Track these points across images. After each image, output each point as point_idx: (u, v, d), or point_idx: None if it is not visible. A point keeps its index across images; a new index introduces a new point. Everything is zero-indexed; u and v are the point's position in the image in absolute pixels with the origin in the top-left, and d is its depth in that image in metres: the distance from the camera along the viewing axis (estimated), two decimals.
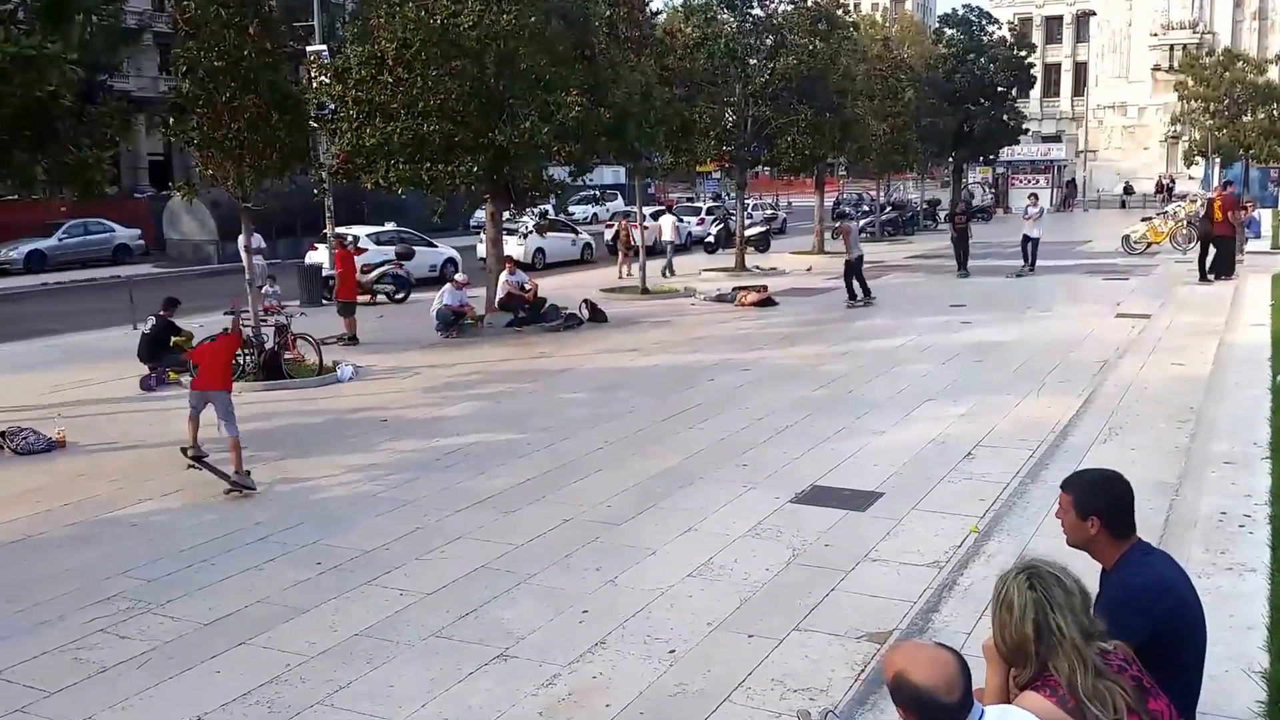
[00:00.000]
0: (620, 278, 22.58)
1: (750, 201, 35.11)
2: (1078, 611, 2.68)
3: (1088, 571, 3.07)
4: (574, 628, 5.35)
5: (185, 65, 11.02)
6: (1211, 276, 18.92)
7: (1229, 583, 5.11)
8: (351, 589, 5.92)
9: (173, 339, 11.47)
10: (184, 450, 8.11)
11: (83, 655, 5.16)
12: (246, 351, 11.96)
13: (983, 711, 2.52)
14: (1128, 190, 55.49)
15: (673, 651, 5.03)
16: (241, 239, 13.62)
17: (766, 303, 18.07)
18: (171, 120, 11.17)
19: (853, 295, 17.99)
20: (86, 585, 6.03)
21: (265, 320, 12.45)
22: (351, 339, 14.70)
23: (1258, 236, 24.35)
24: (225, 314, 13.01)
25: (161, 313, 12.53)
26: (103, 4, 9.51)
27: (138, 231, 31.10)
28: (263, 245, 14.77)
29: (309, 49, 15.31)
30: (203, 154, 11.23)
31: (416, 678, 4.85)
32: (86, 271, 27.49)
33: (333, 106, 14.13)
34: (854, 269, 18.01)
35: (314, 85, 13.96)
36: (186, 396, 8.72)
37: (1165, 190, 49.25)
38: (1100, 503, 3.20)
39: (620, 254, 23.87)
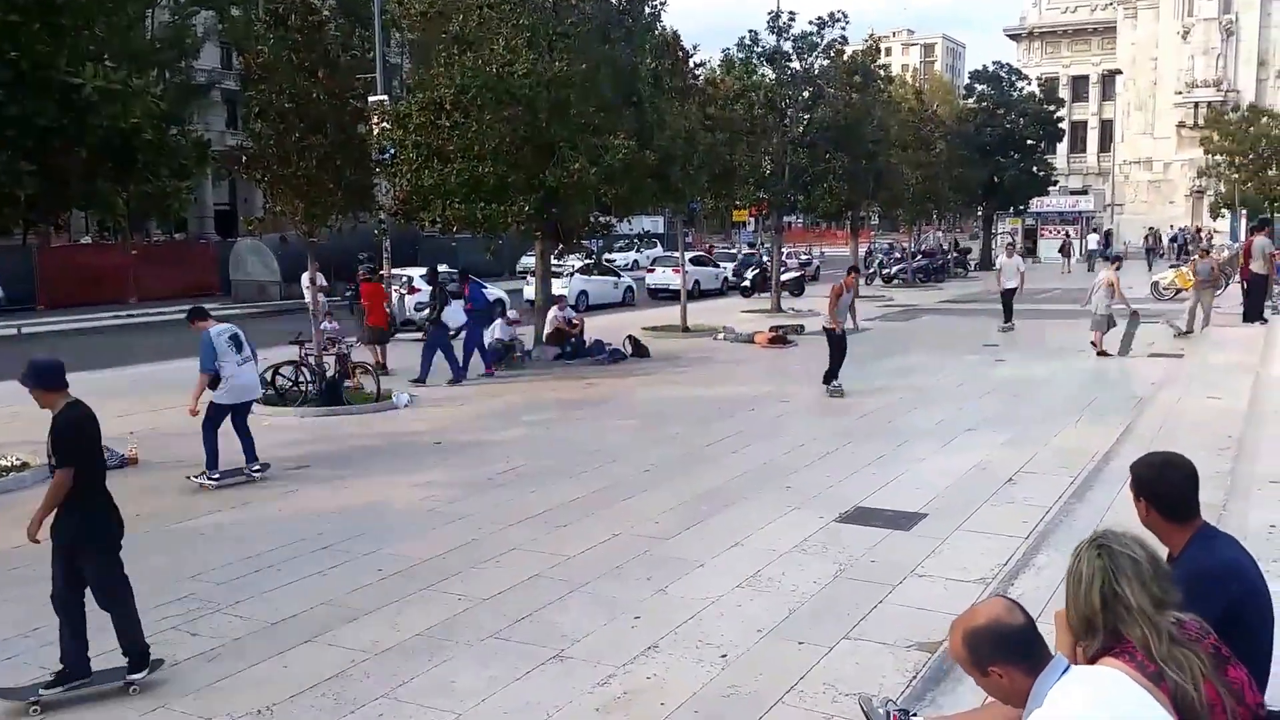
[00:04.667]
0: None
1: (785, 250, 35.57)
2: (1147, 580, 2.62)
3: (1161, 547, 3.06)
4: (627, 632, 5.48)
5: (257, 107, 11.60)
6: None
7: None
8: (411, 594, 6.12)
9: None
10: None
11: (157, 650, 5.29)
12: (309, 380, 12.40)
13: (1068, 665, 2.52)
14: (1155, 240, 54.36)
15: (724, 656, 5.13)
16: (306, 276, 14.13)
17: (779, 341, 18.60)
18: (244, 159, 11.72)
19: (1008, 319, 18.57)
20: (158, 587, 6.25)
21: (328, 351, 12.91)
22: (382, 368, 14.97)
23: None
24: (290, 343, 13.49)
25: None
26: (175, 60, 10.12)
27: None
28: (325, 283, 15.29)
29: (371, 99, 15.98)
30: (272, 192, 11.75)
31: (476, 675, 4.99)
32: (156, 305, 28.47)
33: (393, 150, 14.70)
34: (1009, 297, 18.35)
35: (375, 131, 14.55)
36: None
37: (1186, 242, 48.01)
38: (1149, 485, 3.18)
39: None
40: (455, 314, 15.66)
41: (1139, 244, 55.64)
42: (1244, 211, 45.16)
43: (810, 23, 25.92)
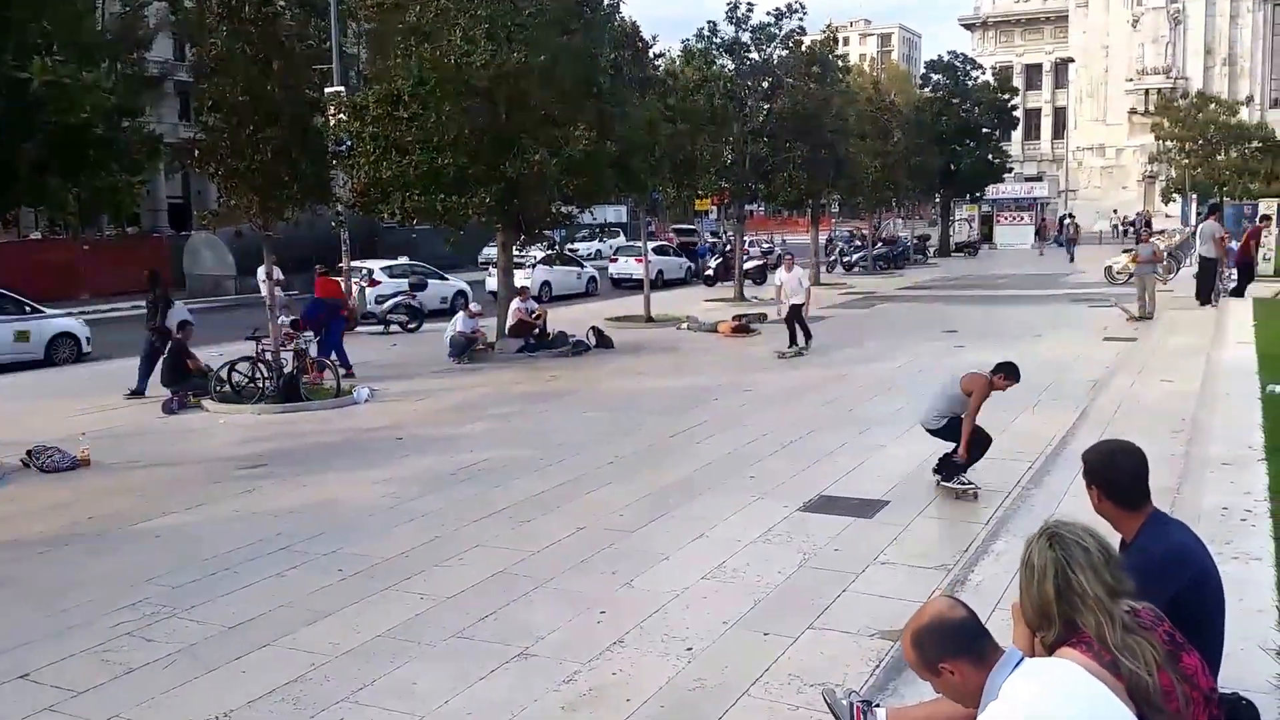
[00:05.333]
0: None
1: (747, 239, 35.76)
2: (1099, 569, 2.64)
3: (1113, 534, 3.10)
4: (592, 628, 5.46)
5: (211, 100, 11.36)
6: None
7: (1236, 570, 5.23)
8: (373, 594, 6.03)
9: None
10: None
11: (110, 657, 5.24)
12: (266, 376, 12.19)
13: (1021, 657, 2.53)
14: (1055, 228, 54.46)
15: (690, 649, 5.13)
16: (262, 269, 13.89)
17: (743, 330, 18.68)
18: (196, 153, 11.47)
19: (793, 342, 15.86)
20: (112, 592, 6.15)
21: (284, 346, 12.70)
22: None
23: (1234, 267, 24.98)
24: (247, 339, 13.27)
25: (177, 335, 12.76)
26: (127, 52, 9.88)
27: None
28: (281, 276, 15.06)
29: (327, 90, 15.75)
30: (226, 185, 11.52)
31: (439, 675, 4.93)
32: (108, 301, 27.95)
33: (350, 142, 14.49)
34: (795, 314, 15.93)
35: (332, 123, 14.33)
36: (205, 416, 9.00)
37: (1136, 226, 48.79)
38: (1102, 473, 3.23)
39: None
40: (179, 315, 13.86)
41: (1095, 228, 56.94)
42: (1194, 196, 46.20)
43: (768, 14, 26.05)
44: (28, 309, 16.72)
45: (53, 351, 16.71)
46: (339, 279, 17.06)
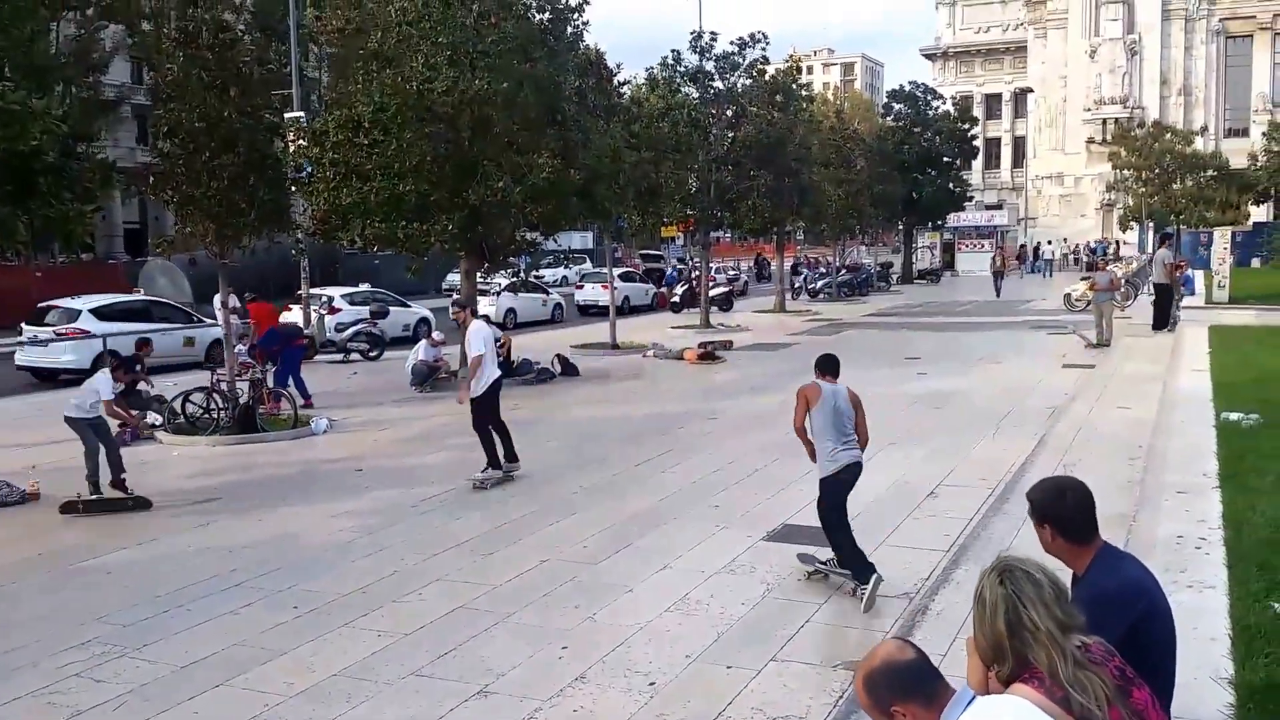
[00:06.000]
0: None
1: (713, 265, 36.00)
2: (1050, 604, 2.65)
3: (1063, 569, 3.11)
4: (554, 663, 5.40)
5: (166, 126, 11.21)
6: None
7: (1190, 599, 5.31)
8: (329, 631, 5.93)
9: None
10: None
11: (57, 699, 5.10)
12: (221, 406, 11.98)
13: (973, 696, 2.54)
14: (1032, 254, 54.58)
15: (653, 684, 5.09)
16: (219, 297, 13.69)
17: (708, 357, 18.75)
18: (151, 179, 11.31)
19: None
20: (61, 631, 5.99)
21: (240, 376, 12.50)
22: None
23: (1192, 294, 25.57)
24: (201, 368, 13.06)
25: (135, 366, 12.51)
26: (82, 75, 9.75)
27: None
28: (238, 304, 14.86)
29: (287, 115, 15.62)
30: (182, 213, 11.36)
31: (396, 715, 4.85)
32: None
33: (310, 169, 14.37)
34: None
35: (291, 149, 14.20)
36: (158, 449, 8.85)
37: (1096, 254, 49.31)
38: (1051, 510, 3.25)
39: None
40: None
41: (1047, 257, 57.96)
42: (1151, 224, 47.19)
43: (731, 43, 26.39)
44: None
45: None
46: (270, 303, 16.91)
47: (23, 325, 17.70)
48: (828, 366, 6.77)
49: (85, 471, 9.03)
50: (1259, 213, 51.65)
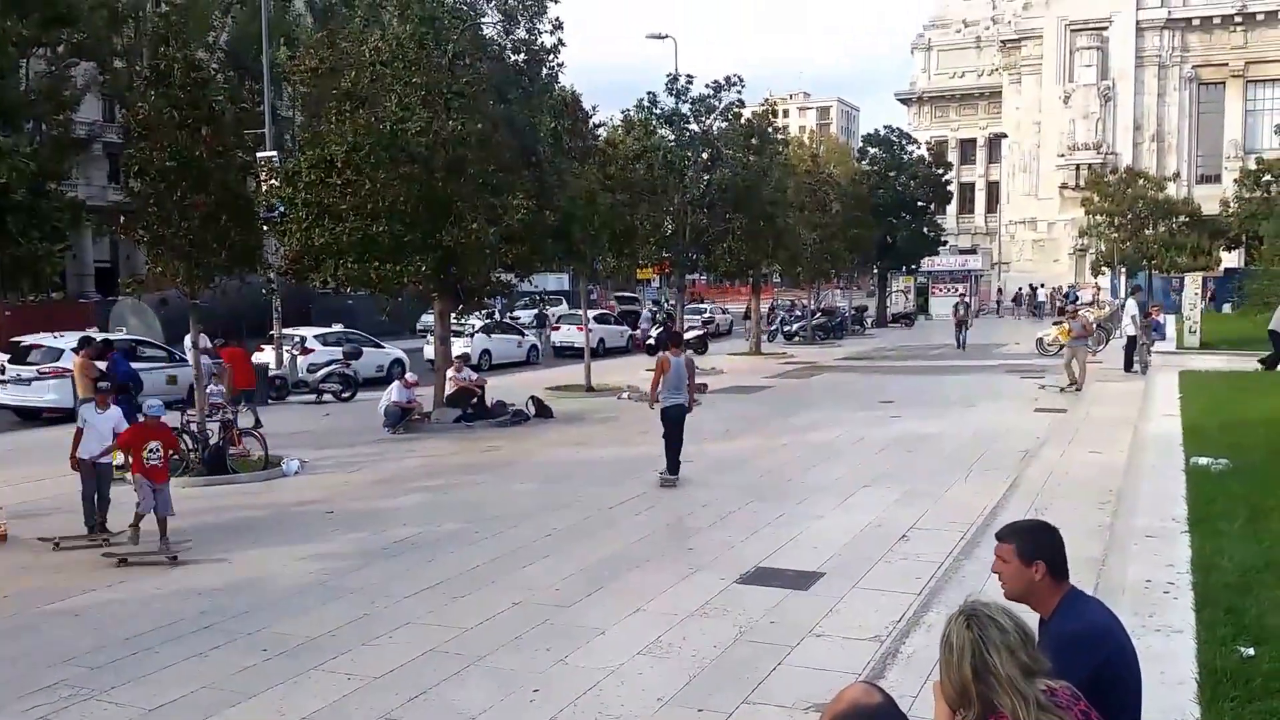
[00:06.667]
0: None
1: (690, 307, 36.25)
2: (1015, 649, 2.68)
3: (1028, 616, 3.11)
4: (525, 707, 5.36)
5: (137, 165, 11.18)
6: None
7: (1158, 643, 5.36)
8: (299, 674, 5.86)
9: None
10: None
11: None
12: (191, 448, 11.85)
13: None
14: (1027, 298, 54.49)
15: None
16: (189, 338, 13.59)
17: None
18: (122, 219, 11.26)
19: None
20: (27, 674, 5.90)
21: (211, 417, 12.38)
22: (257, 424, 14.36)
23: (1164, 339, 25.97)
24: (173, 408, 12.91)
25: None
26: (53, 113, 9.75)
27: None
28: (209, 345, 14.74)
29: (259, 155, 15.64)
30: (153, 252, 11.31)
31: None
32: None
33: (282, 209, 14.36)
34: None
35: (264, 189, 14.20)
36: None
37: (1064, 300, 48.87)
38: (1043, 548, 3.27)
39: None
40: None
41: (1009, 304, 58.71)
42: (1124, 269, 47.81)
43: (707, 86, 26.76)
44: None
45: None
46: (242, 347, 16.77)
47: (4, 364, 17.48)
48: (675, 340, 11.72)
49: (88, 516, 9.21)
50: (1230, 259, 52.53)
